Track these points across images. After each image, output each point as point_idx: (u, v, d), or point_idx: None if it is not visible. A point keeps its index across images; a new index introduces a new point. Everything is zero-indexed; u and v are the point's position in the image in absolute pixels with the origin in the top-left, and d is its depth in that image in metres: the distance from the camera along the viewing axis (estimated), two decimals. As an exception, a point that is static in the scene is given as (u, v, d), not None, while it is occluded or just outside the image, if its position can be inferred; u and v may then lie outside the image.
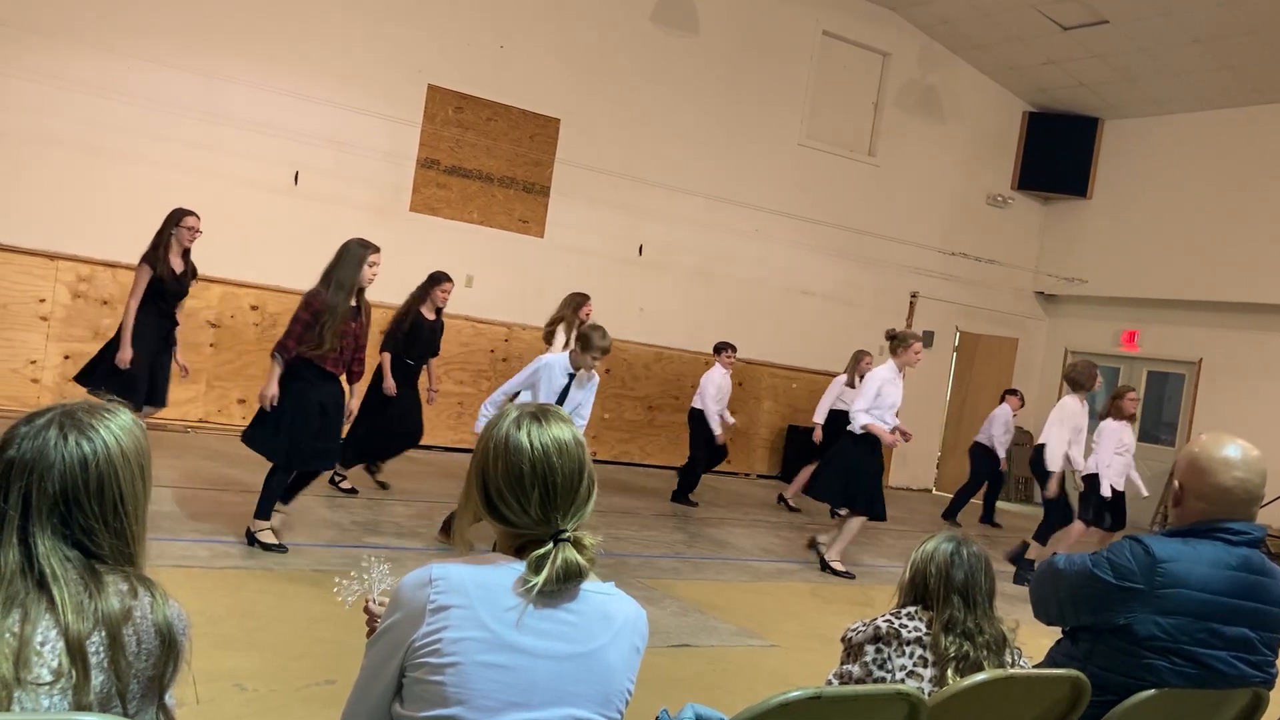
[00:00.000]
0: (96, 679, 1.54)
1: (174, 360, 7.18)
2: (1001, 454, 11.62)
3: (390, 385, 7.70)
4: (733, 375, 10.31)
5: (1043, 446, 8.53)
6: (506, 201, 11.30)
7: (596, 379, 6.64)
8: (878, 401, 7.53)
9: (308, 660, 4.25)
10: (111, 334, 9.32)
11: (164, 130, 9.51)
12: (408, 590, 1.81)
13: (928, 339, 14.43)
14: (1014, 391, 12.19)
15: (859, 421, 7.55)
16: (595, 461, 1.98)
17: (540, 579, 1.78)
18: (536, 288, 11.30)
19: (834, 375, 13.39)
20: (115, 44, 9.25)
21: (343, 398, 6.18)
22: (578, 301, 8.62)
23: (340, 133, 10.25)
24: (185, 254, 7.09)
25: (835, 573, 7.52)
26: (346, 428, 6.53)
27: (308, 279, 6.75)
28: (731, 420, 10.12)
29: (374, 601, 2.17)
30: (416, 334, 7.85)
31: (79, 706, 1.51)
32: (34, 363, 9.08)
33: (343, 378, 6.22)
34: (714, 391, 9.82)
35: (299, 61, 10.07)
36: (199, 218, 7.12)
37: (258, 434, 6.01)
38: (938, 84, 14.10)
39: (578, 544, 1.84)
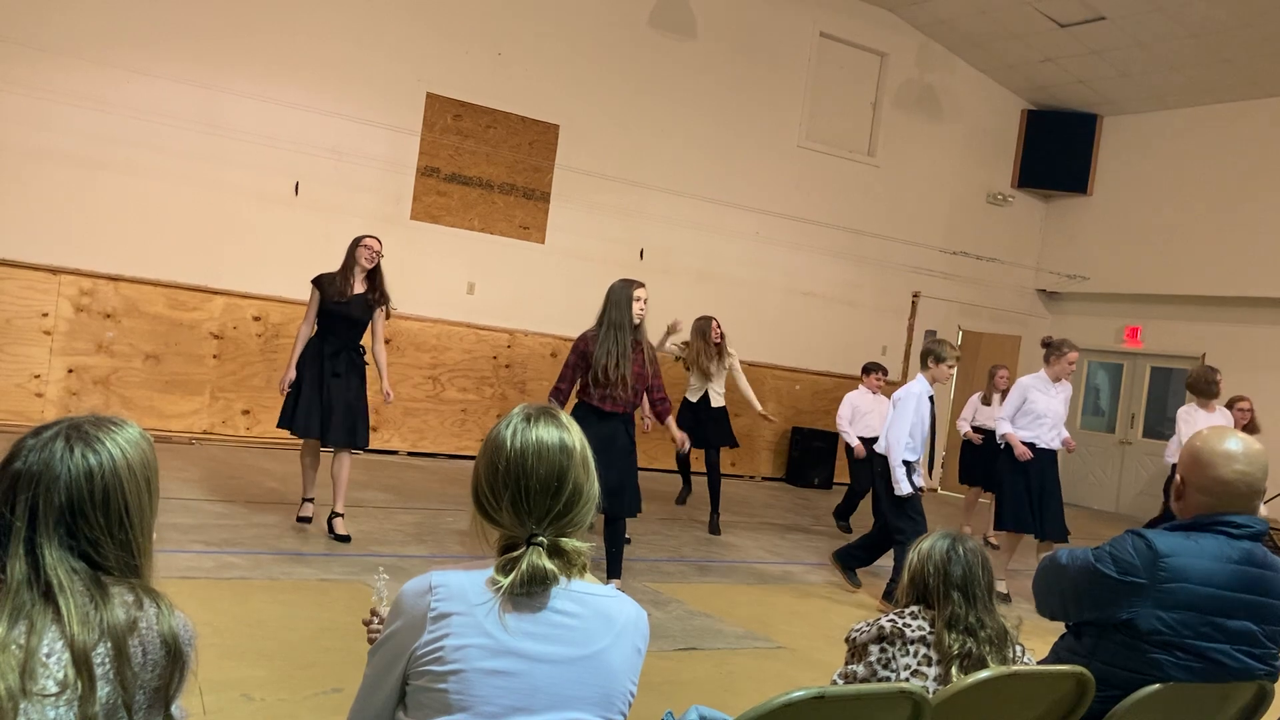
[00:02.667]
0: (102, 690, 1.54)
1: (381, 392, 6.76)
2: None
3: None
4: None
5: None
6: (507, 208, 11.32)
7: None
8: (1024, 409, 7.37)
9: (315, 669, 4.26)
10: (114, 347, 9.40)
11: (164, 142, 9.53)
12: (408, 598, 1.81)
13: (929, 338, 14.43)
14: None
15: (998, 430, 7.56)
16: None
17: (506, 582, 1.77)
18: (538, 294, 11.33)
19: (836, 376, 13.45)
20: (114, 57, 9.27)
21: (623, 435, 6.02)
22: (702, 326, 9.06)
23: (340, 142, 10.28)
24: (371, 277, 6.72)
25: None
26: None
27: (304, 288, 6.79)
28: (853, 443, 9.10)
29: (381, 610, 2.18)
30: None
31: (85, 718, 1.52)
32: (37, 377, 9.10)
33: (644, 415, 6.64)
34: (846, 412, 9.26)
35: (297, 72, 10.10)
36: (378, 240, 6.80)
37: None
38: (936, 83, 14.11)
39: (555, 549, 1.83)
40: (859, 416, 9.24)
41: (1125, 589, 2.61)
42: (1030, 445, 7.29)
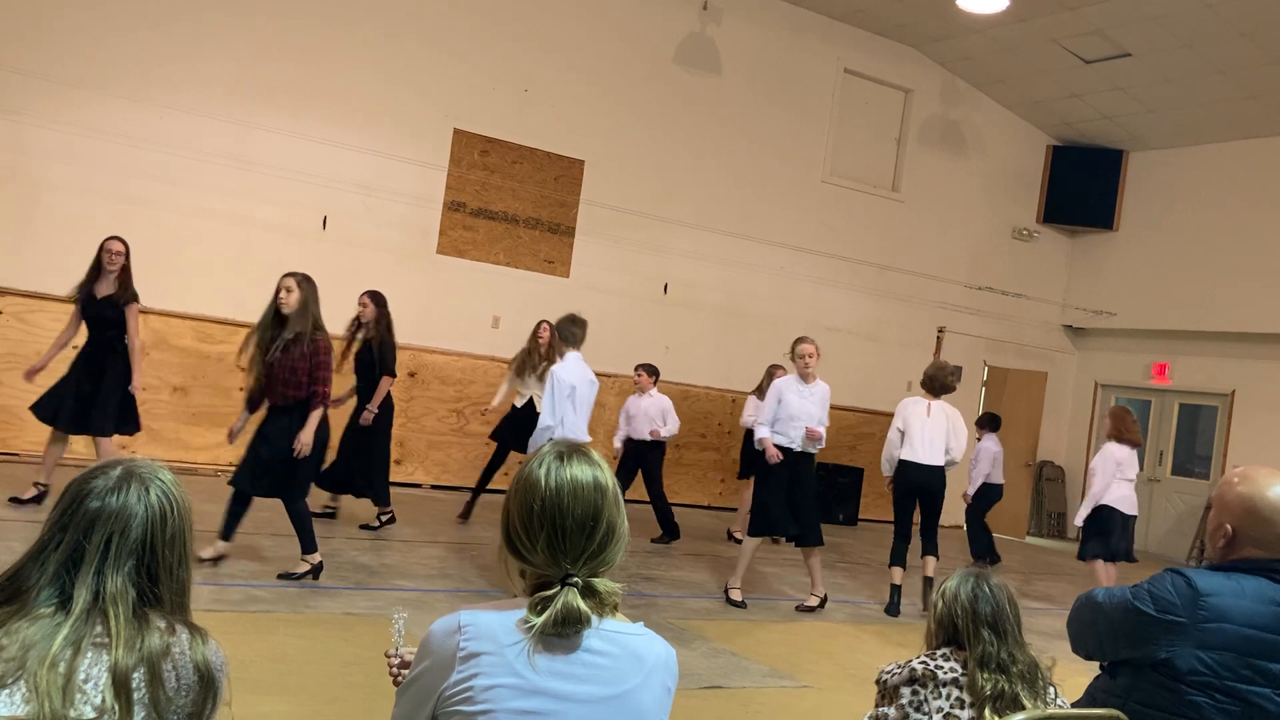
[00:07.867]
0: (138, 715, 1.57)
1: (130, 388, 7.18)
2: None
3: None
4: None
5: None
6: (532, 242, 11.37)
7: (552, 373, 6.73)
8: (778, 413, 7.31)
9: (340, 704, 4.24)
10: (140, 377, 9.44)
11: (194, 177, 9.65)
12: (437, 638, 1.79)
13: (956, 374, 14.32)
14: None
15: (756, 434, 7.47)
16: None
17: (539, 622, 1.75)
18: (563, 328, 11.34)
19: (861, 412, 13.39)
20: (148, 94, 9.42)
21: (278, 428, 6.36)
22: (535, 329, 8.95)
23: (368, 177, 10.38)
24: (119, 278, 7.16)
25: (731, 602, 7.17)
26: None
27: (337, 323, 6.82)
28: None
29: (397, 655, 2.15)
30: None
31: (121, 742, 1.55)
32: (67, 409, 9.15)
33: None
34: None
35: (326, 108, 10.22)
36: (118, 240, 7.23)
37: None
38: (960, 119, 14.13)
39: (589, 589, 1.80)
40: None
41: (1164, 627, 2.56)
42: (785, 450, 7.22)
